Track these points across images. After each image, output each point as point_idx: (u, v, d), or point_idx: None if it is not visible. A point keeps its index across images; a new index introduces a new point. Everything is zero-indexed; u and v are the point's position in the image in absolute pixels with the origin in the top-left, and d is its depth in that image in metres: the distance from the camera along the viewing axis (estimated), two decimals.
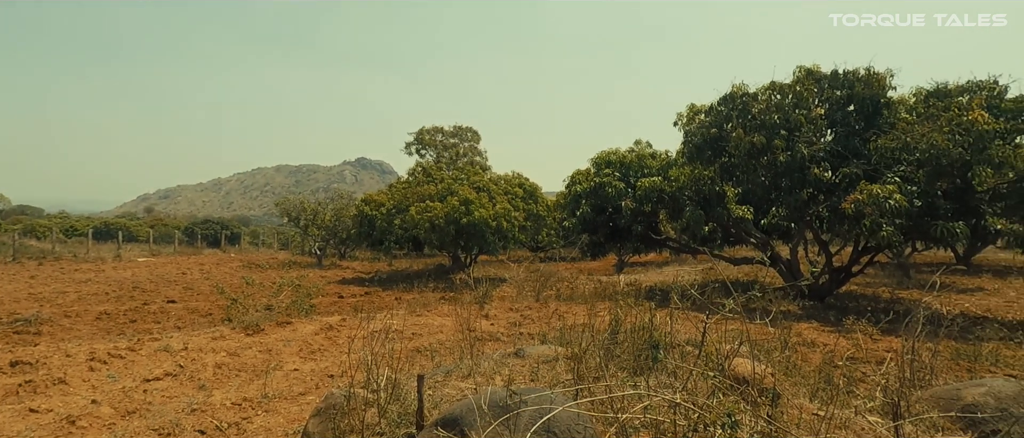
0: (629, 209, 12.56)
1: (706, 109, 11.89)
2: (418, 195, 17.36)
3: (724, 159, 11.50)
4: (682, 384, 2.93)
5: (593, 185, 13.42)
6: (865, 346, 7.53)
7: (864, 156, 10.14)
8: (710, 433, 2.14)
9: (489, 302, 10.37)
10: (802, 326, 8.92)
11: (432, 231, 16.13)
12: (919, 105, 10.53)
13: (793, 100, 10.83)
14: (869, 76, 10.49)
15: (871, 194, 8.99)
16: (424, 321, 8.73)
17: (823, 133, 10.93)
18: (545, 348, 5.21)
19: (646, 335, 4.41)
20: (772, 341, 5.91)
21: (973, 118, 8.92)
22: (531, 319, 8.70)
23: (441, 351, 6.57)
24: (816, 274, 12.12)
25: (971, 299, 12.72)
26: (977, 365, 6.36)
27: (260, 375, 6.02)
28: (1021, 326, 9.32)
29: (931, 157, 9.07)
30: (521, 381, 4.41)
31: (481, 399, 2.99)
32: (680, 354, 4.32)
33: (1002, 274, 17.52)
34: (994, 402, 3.70)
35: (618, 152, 14.50)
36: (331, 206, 27.59)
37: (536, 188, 19.18)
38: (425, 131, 36.53)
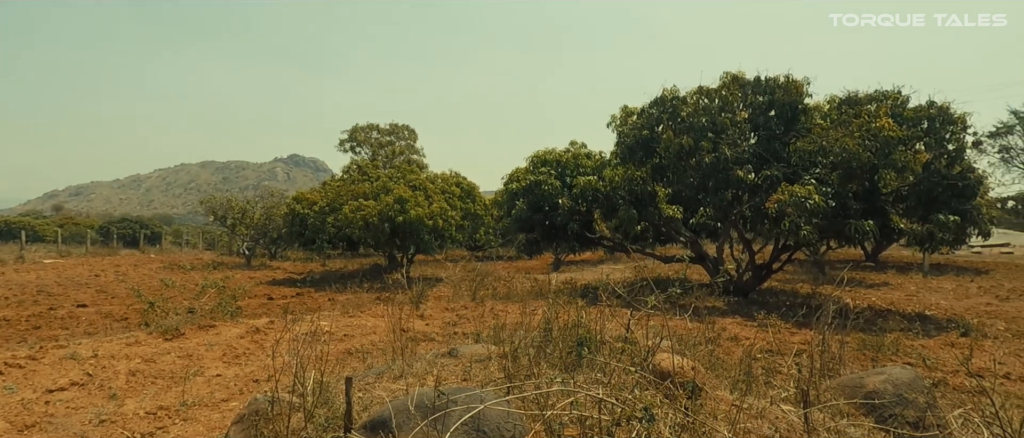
0: (565, 208, 12.75)
1: (638, 111, 12.22)
2: (352, 193, 16.95)
3: (655, 160, 11.85)
4: (607, 380, 2.98)
5: (530, 184, 13.54)
6: (783, 340, 7.96)
7: (784, 159, 10.71)
8: (632, 427, 2.19)
9: (425, 302, 10.26)
10: (727, 321, 9.31)
11: (366, 230, 15.80)
12: (833, 112, 11.22)
13: (719, 104, 11.31)
14: (788, 83, 11.09)
15: (792, 195, 9.51)
16: (357, 322, 8.53)
17: (747, 136, 11.46)
18: (479, 347, 5.19)
19: (578, 333, 4.47)
20: (697, 336, 6.15)
21: (880, 125, 9.60)
22: (467, 318, 8.67)
23: (374, 352, 6.44)
24: (740, 271, 12.71)
25: (877, 293, 13.69)
26: (880, 354, 6.85)
27: (179, 382, 5.69)
28: (919, 318, 10.11)
29: (844, 160, 9.70)
30: (454, 381, 4.37)
31: (410, 400, 2.94)
32: (610, 351, 4.41)
33: (904, 270, 18.97)
34: (892, 388, 3.98)
35: (555, 152, 14.69)
36: (261, 204, 26.52)
37: (474, 187, 19.14)
38: (360, 129, 35.75)
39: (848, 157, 9.52)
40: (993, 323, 9.67)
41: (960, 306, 11.63)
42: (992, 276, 17.23)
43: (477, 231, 20.63)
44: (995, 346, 7.86)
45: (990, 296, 13.16)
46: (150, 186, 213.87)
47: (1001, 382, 6.17)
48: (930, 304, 11.89)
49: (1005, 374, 6.46)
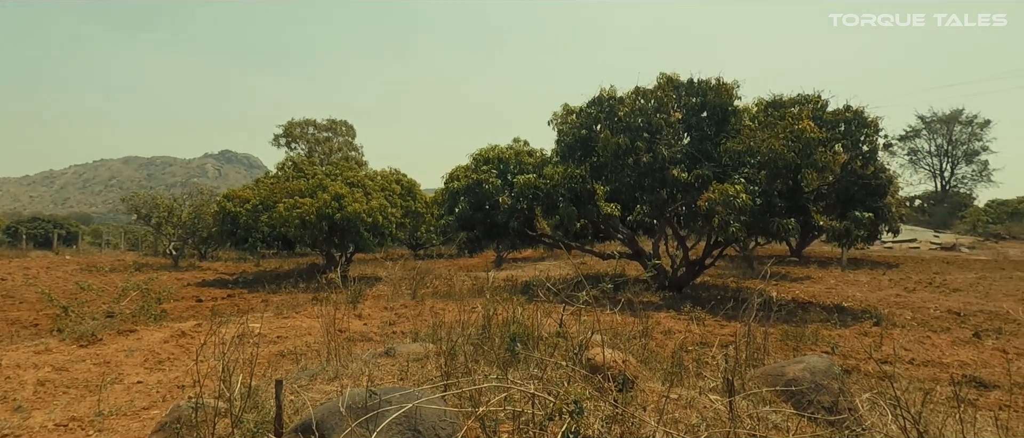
0: (506, 206, 12.80)
1: (578, 110, 12.41)
2: (287, 191, 16.39)
3: (594, 159, 12.08)
4: (540, 374, 3.02)
5: (471, 182, 13.51)
6: (713, 332, 8.29)
7: (715, 159, 11.15)
8: (564, 420, 2.23)
9: (363, 301, 10.06)
10: (661, 315, 9.61)
11: (303, 229, 15.31)
12: (760, 114, 11.77)
13: (655, 105, 11.64)
14: (719, 85, 11.55)
15: (722, 193, 9.92)
16: (291, 323, 8.26)
17: (681, 136, 11.86)
18: (417, 346, 5.14)
19: (516, 329, 4.50)
20: (632, 330, 6.31)
21: (803, 127, 10.15)
22: (406, 317, 8.56)
23: (308, 354, 6.25)
24: (674, 267, 13.14)
25: (800, 286, 14.48)
26: (801, 344, 7.24)
27: (94, 391, 5.34)
28: (837, 309, 10.75)
29: (770, 160, 10.19)
30: (390, 381, 4.31)
31: (341, 401, 2.87)
32: (547, 346, 4.46)
33: (825, 264, 20.15)
34: (810, 376, 4.22)
35: (497, 149, 14.71)
36: (190, 202, 25.23)
37: (414, 184, 18.90)
38: (295, 124, 34.62)
39: (774, 157, 10.01)
40: (901, 313, 10.42)
41: (873, 298, 12.45)
42: (901, 269, 18.57)
43: (418, 229, 20.40)
44: (902, 334, 8.47)
45: (899, 288, 14.16)
46: (65, 183, 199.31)
47: (906, 367, 6.66)
48: (847, 296, 12.66)
49: (910, 360, 6.98)
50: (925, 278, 15.90)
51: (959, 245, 27.04)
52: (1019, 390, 5.80)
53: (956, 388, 5.46)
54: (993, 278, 15.81)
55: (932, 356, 7.13)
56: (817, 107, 11.29)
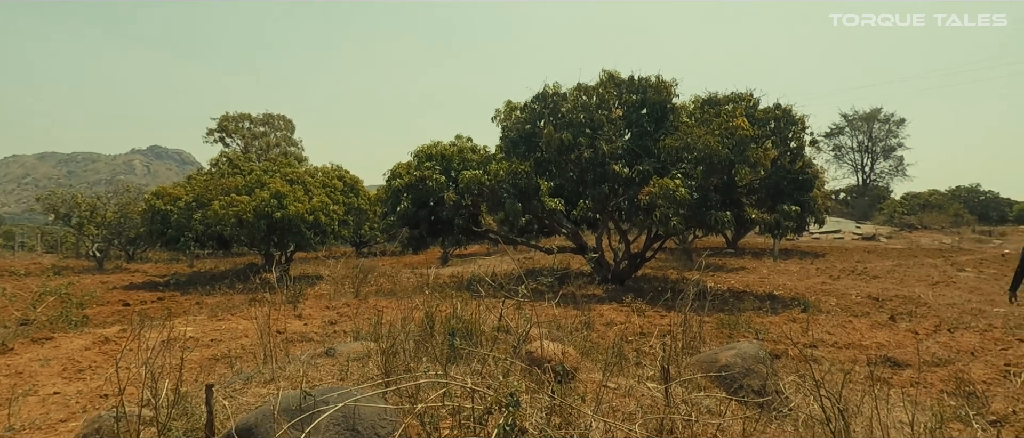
0: (450, 202, 12.72)
1: (521, 106, 12.47)
2: (222, 188, 15.72)
3: (538, 154, 12.18)
4: (480, 369, 3.03)
5: (414, 179, 13.35)
6: (653, 322, 8.53)
7: (654, 155, 11.45)
8: (502, 413, 2.24)
9: (303, 301, 9.79)
10: (604, 307, 9.81)
11: (240, 227, 14.74)
12: (697, 111, 12.16)
13: (597, 101, 11.83)
14: (659, 83, 11.85)
15: (662, 188, 10.21)
16: (227, 326, 7.94)
17: (622, 133, 12.11)
18: (358, 345, 5.05)
19: (459, 325, 4.49)
20: (574, 323, 6.42)
21: (736, 125, 10.56)
22: (348, 316, 8.39)
23: (245, 357, 6.03)
24: (617, 260, 13.43)
25: (736, 277, 15.11)
26: (735, 332, 7.56)
27: (4, 404, 4.97)
28: (769, 297, 11.29)
29: (706, 156, 10.56)
30: (330, 381, 4.22)
31: (274, 404, 2.79)
32: (487, 341, 4.48)
33: (759, 255, 21.09)
34: (741, 362, 4.42)
35: (440, 145, 14.59)
36: (115, 201, 23.82)
37: (357, 181, 18.51)
38: (231, 118, 33.21)
39: (709, 153, 10.38)
40: (827, 299, 11.04)
41: (802, 286, 13.15)
42: (827, 259, 19.67)
43: (362, 227, 20.01)
44: (827, 319, 8.98)
45: (825, 276, 15.01)
46: None
47: (830, 349, 7.06)
48: (778, 285, 13.31)
49: (833, 343, 7.40)
50: (848, 266, 16.90)
51: (878, 235, 28.89)
52: (927, 368, 6.26)
53: (871, 368, 5.84)
54: (907, 265, 16.99)
55: (853, 339, 7.59)
56: (750, 105, 11.77)
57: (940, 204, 37.71)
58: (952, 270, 15.80)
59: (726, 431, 3.51)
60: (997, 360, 6.52)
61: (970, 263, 17.27)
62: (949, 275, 14.79)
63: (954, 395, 5.31)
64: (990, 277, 14.30)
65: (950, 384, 5.70)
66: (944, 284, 13.34)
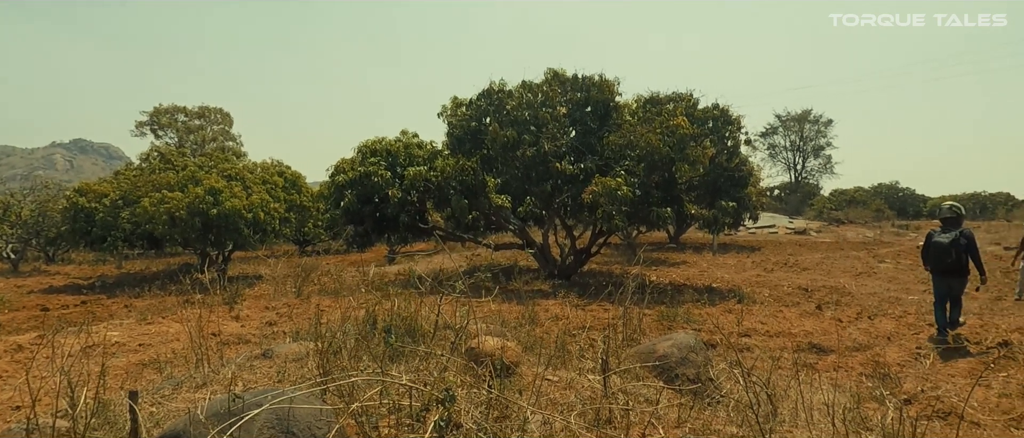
0: (396, 198, 12.56)
1: (467, 103, 12.45)
2: (154, 184, 14.95)
3: (484, 151, 12.19)
4: (421, 366, 3.03)
5: (359, 175, 13.10)
6: (598, 316, 8.71)
7: (598, 152, 11.67)
8: (439, 409, 2.25)
9: (241, 302, 9.47)
10: (550, 302, 9.94)
11: (173, 226, 14.05)
12: (639, 110, 12.46)
13: (542, 99, 11.95)
14: (602, 82, 12.07)
15: (604, 186, 10.42)
16: (157, 329, 7.60)
17: (567, 130, 12.28)
18: (297, 346, 4.93)
19: (400, 323, 4.46)
20: (520, 318, 6.48)
21: (677, 123, 10.89)
22: (288, 317, 8.18)
23: (176, 361, 5.79)
24: (563, 256, 13.62)
25: (677, 271, 15.59)
26: (674, 323, 7.82)
27: None
28: (708, 290, 11.71)
29: (647, 154, 10.84)
30: (267, 383, 4.10)
31: (204, 408, 2.70)
32: (433, 338, 4.46)
33: (699, 250, 21.83)
34: (677, 351, 4.58)
35: (385, 141, 14.36)
36: (32, 198, 22.28)
37: (299, 177, 17.98)
38: (163, 110, 31.61)
39: (651, 151, 10.67)
40: (760, 290, 11.55)
41: (738, 278, 13.71)
42: (762, 252, 20.57)
43: (305, 224, 19.47)
44: (760, 309, 9.41)
45: (760, 269, 15.70)
46: None
47: (762, 338, 7.41)
48: (716, 278, 13.83)
49: (765, 331, 7.77)
50: (781, 259, 17.74)
51: (809, 230, 30.43)
52: (849, 353, 6.66)
53: (797, 354, 6.17)
54: (834, 258, 17.98)
55: (783, 327, 7.99)
56: (689, 105, 12.16)
57: (864, 200, 40.10)
58: (873, 262, 16.83)
59: (662, 419, 3.64)
60: (910, 344, 7.01)
61: (889, 255, 18.44)
62: (871, 266, 15.75)
63: (871, 377, 5.68)
64: (906, 268, 15.33)
65: (868, 367, 6.09)
66: (866, 275, 14.20)
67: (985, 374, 5.65)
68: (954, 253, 6.81)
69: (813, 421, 3.90)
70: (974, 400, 5.06)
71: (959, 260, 6.85)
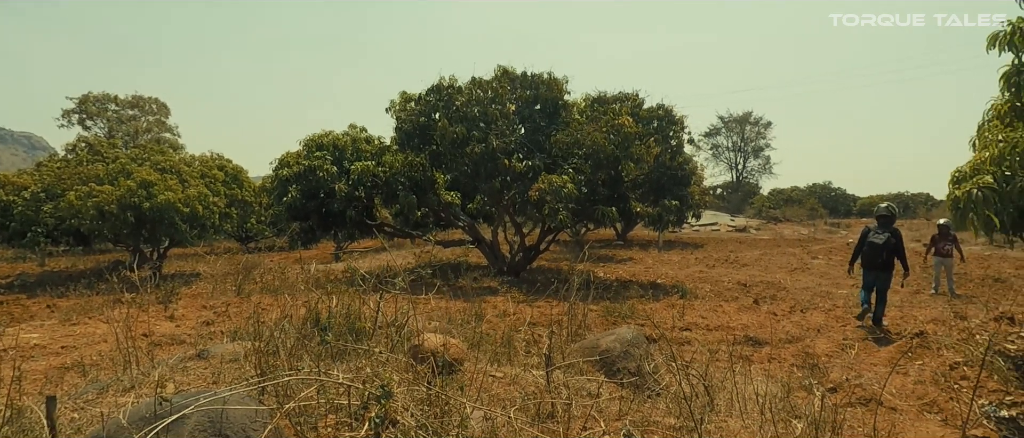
0: (342, 194, 12.31)
1: (416, 98, 12.32)
2: (81, 176, 14.11)
3: (433, 147, 12.10)
4: (362, 365, 2.99)
5: (304, 169, 12.76)
6: (545, 312, 8.80)
7: (546, 150, 11.78)
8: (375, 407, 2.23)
9: (176, 301, 9.07)
10: (498, 299, 9.96)
11: (101, 220, 13.30)
12: (587, 109, 12.65)
13: (491, 96, 11.95)
14: (551, 80, 12.18)
15: (550, 183, 10.53)
16: (83, 331, 7.19)
17: (516, 127, 12.33)
18: (234, 345, 4.77)
19: (344, 321, 4.38)
20: (466, 315, 6.48)
21: (622, 122, 11.12)
22: (227, 316, 7.90)
23: (103, 364, 5.49)
24: (513, 252, 13.69)
25: (624, 267, 15.92)
26: (619, 319, 7.98)
27: None
28: (652, 286, 12.01)
29: (594, 152, 11.02)
30: (201, 384, 3.95)
31: (126, 412, 2.58)
32: (377, 336, 4.41)
33: (646, 247, 22.35)
34: (620, 346, 4.69)
35: (332, 135, 14.05)
36: None
37: (240, 170, 17.35)
38: (93, 99, 29.83)
39: (597, 149, 10.85)
40: (702, 286, 11.94)
41: (682, 274, 14.12)
42: (705, 249, 21.25)
43: (247, 220, 18.82)
44: (702, 304, 9.73)
45: (702, 265, 16.21)
46: None
47: (702, 331, 7.66)
48: (661, 274, 14.20)
49: (706, 325, 8.04)
50: (722, 256, 18.37)
51: (749, 227, 31.66)
52: (782, 345, 6.98)
53: (734, 347, 6.42)
54: (772, 254, 18.76)
55: (722, 321, 8.29)
56: (635, 104, 12.44)
57: (799, 199, 42.06)
58: (807, 258, 17.66)
59: (603, 412, 3.72)
60: (837, 335, 7.41)
61: (822, 251, 19.40)
62: (805, 262, 16.52)
63: (801, 367, 5.98)
64: (837, 263, 16.16)
65: (799, 358, 6.40)
66: (800, 270, 14.89)
67: (902, 362, 6.03)
68: (884, 253, 7.43)
69: (746, 411, 4.07)
70: (892, 387, 5.40)
71: (888, 258, 7.45)
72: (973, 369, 5.63)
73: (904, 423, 4.66)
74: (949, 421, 4.75)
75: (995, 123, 5.57)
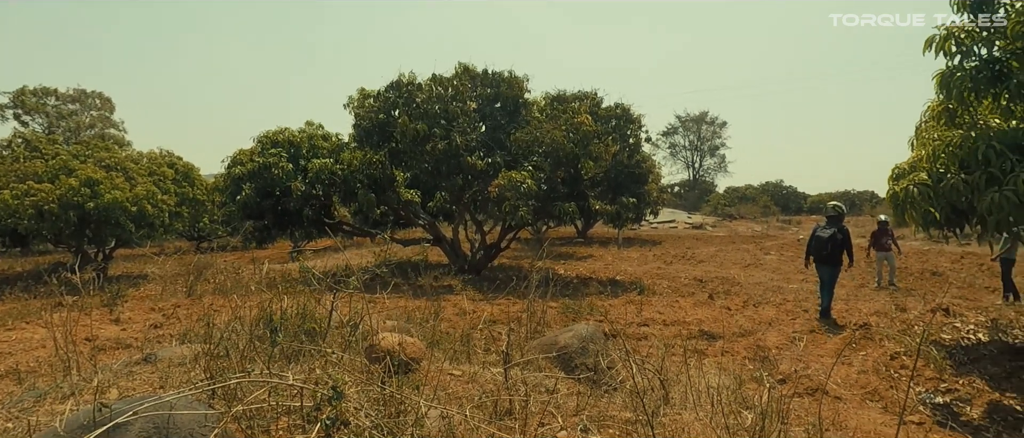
0: (299, 192, 12.04)
1: (375, 94, 12.15)
2: (17, 174, 13.39)
3: (392, 144, 11.96)
4: (319, 365, 2.93)
5: (258, 167, 12.41)
6: (505, 310, 8.82)
7: (507, 147, 11.80)
8: (327, 408, 2.20)
9: (123, 303, 8.71)
10: (459, 297, 9.94)
11: (40, 219, 12.65)
12: (547, 107, 12.72)
13: (452, 93, 11.90)
14: (511, 78, 12.20)
15: (510, 180, 10.55)
16: (19, 336, 6.82)
17: (476, 125, 12.31)
18: (184, 349, 4.62)
19: (301, 322, 4.29)
20: (426, 313, 6.44)
21: (581, 121, 11.23)
22: (177, 318, 7.63)
23: (41, 370, 5.22)
24: (474, 250, 13.66)
25: (584, 264, 16.10)
26: (578, 315, 8.07)
27: None
28: (611, 282, 12.19)
29: (554, 150, 11.10)
30: (147, 389, 3.81)
31: (67, 421, 2.47)
32: (333, 336, 4.33)
33: (605, 244, 22.65)
34: (578, 342, 4.74)
35: (288, 131, 13.71)
36: None
37: (191, 168, 16.78)
38: (29, 92, 28.31)
39: (557, 147, 10.93)
40: (660, 282, 12.18)
41: (640, 270, 14.37)
42: (663, 246, 21.69)
43: (199, 219, 18.22)
44: (659, 300, 9.93)
45: (660, 262, 16.54)
46: None
47: (659, 327, 7.82)
48: (620, 271, 14.42)
49: (663, 321, 8.21)
50: (680, 253, 18.79)
51: (705, 225, 32.45)
52: (735, 338, 7.19)
53: (687, 342, 6.58)
54: (727, 250, 19.29)
55: (679, 316, 8.48)
56: (594, 103, 12.57)
57: (753, 197, 43.34)
58: (760, 254, 18.23)
59: (561, 408, 3.75)
60: (787, 329, 7.67)
61: (774, 248, 20.06)
62: (758, 258, 17.05)
63: (753, 360, 6.17)
64: (788, 259, 16.74)
65: (751, 351, 6.60)
66: (754, 266, 15.36)
67: (846, 353, 6.30)
68: (830, 247, 7.95)
69: (700, 403, 4.18)
70: (837, 377, 5.64)
71: (833, 253, 7.96)
72: (911, 359, 5.92)
73: (847, 411, 4.87)
74: (889, 408, 4.99)
75: (931, 123, 5.87)
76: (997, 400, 5.11)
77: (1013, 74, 4.96)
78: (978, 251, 16.23)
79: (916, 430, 4.41)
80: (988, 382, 5.50)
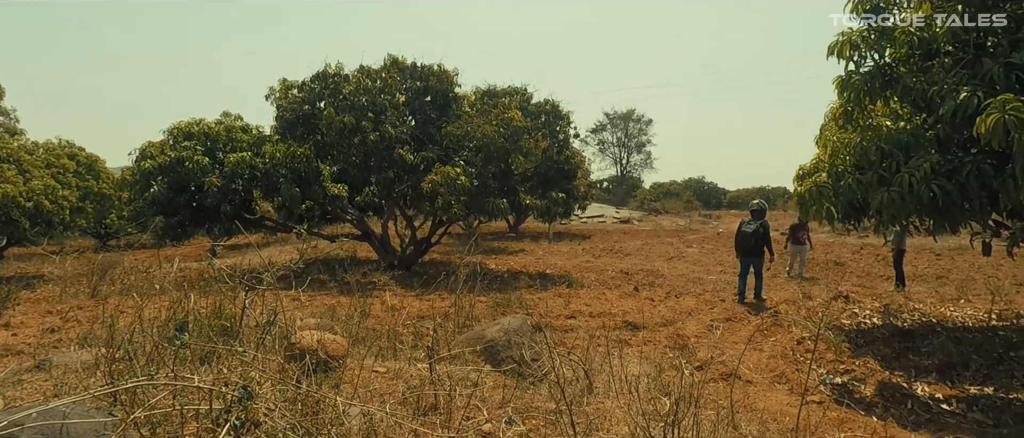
0: (215, 187, 11.41)
1: (299, 85, 11.73)
2: None
3: (318, 137, 11.59)
4: (233, 366, 2.81)
5: (170, 160, 11.66)
6: (435, 305, 8.76)
7: (438, 142, 11.70)
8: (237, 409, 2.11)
9: (13, 306, 8.00)
10: (388, 293, 9.78)
11: None
12: (477, 102, 12.71)
13: (381, 85, 11.65)
14: (441, 72, 12.10)
15: (444, 175, 10.48)
16: None
17: (406, 119, 12.12)
18: (83, 353, 4.30)
19: (218, 322, 4.09)
20: (352, 310, 6.30)
21: (511, 116, 11.30)
22: (79, 321, 7.09)
23: None
24: (404, 246, 13.47)
25: (515, 259, 16.22)
26: (507, 309, 8.13)
27: None
28: (541, 276, 12.36)
29: (484, 145, 11.11)
30: (38, 398, 3.52)
31: None
32: (249, 335, 4.16)
33: (537, 239, 22.93)
34: (504, 335, 4.78)
35: (203, 123, 12.95)
36: None
37: (97, 160, 15.57)
38: None
39: (487, 142, 10.95)
40: (588, 275, 12.47)
41: (569, 264, 14.65)
42: (592, 240, 22.21)
43: (105, 215, 16.97)
44: (586, 292, 10.17)
45: (589, 255, 16.94)
46: None
47: (586, 318, 8.01)
48: (550, 264, 14.64)
49: (590, 312, 8.41)
50: (608, 246, 19.31)
51: (632, 219, 33.49)
52: (657, 328, 7.48)
53: (613, 332, 6.79)
54: (652, 244, 20.01)
55: (605, 308, 8.71)
56: (524, 98, 12.69)
57: (677, 192, 45.17)
58: (683, 247, 19.03)
59: (486, 400, 3.78)
60: (706, 318, 8.06)
61: (696, 241, 21.00)
62: (681, 251, 17.79)
63: (673, 348, 6.44)
64: (708, 251, 17.57)
65: (672, 340, 6.89)
66: (677, 258, 16.02)
67: (758, 339, 6.70)
68: (753, 240, 8.89)
69: (622, 391, 4.32)
70: (749, 362, 5.98)
71: (757, 245, 8.90)
72: (814, 343, 6.37)
73: (757, 394, 5.18)
74: (794, 390, 5.35)
75: (832, 125, 6.32)
76: (887, 378, 5.59)
77: (900, 79, 5.41)
78: (875, 242, 17.67)
79: (816, 409, 4.75)
80: (880, 362, 6.00)
